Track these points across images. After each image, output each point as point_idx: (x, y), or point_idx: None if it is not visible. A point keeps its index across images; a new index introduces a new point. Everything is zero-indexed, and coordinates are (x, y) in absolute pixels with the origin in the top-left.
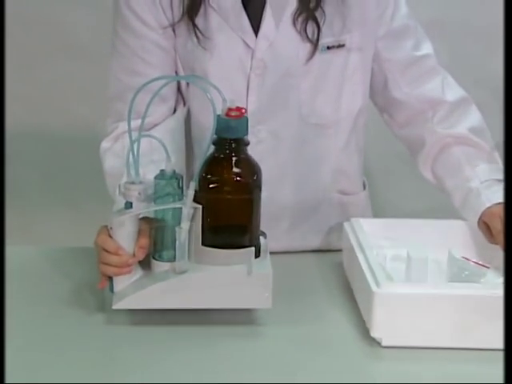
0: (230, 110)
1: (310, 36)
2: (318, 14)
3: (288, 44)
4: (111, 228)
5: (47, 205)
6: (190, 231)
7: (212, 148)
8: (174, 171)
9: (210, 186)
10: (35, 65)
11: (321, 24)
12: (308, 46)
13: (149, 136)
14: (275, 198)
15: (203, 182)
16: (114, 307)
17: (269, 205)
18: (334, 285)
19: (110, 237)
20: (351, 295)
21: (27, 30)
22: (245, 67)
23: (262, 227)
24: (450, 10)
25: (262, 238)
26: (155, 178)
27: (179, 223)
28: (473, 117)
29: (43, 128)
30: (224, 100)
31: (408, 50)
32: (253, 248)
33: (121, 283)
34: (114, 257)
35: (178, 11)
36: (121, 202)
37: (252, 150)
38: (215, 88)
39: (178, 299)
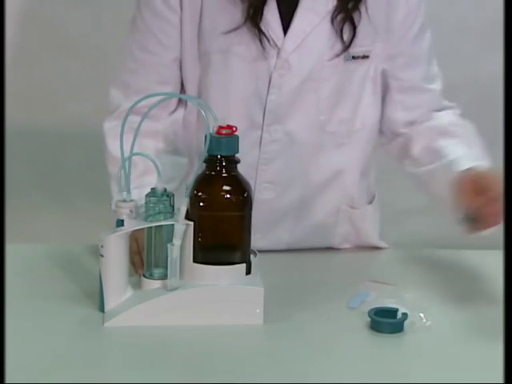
0: (220, 128)
1: (345, 37)
2: (355, 16)
3: (318, 42)
4: (102, 246)
5: (40, 202)
6: (181, 248)
7: (204, 166)
8: (165, 189)
9: (201, 203)
10: (28, 62)
11: (357, 26)
12: (336, 49)
13: (141, 154)
14: (281, 198)
15: (194, 200)
16: (106, 325)
17: (274, 204)
18: (334, 283)
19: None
20: (351, 293)
21: (20, 28)
22: (269, 65)
23: (266, 225)
24: (444, 8)
25: (252, 256)
26: (146, 195)
27: (171, 240)
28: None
29: (35, 125)
30: (215, 119)
31: (417, 77)
32: (244, 264)
33: (112, 302)
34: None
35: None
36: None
37: (265, 148)
38: (207, 108)
39: (170, 316)
